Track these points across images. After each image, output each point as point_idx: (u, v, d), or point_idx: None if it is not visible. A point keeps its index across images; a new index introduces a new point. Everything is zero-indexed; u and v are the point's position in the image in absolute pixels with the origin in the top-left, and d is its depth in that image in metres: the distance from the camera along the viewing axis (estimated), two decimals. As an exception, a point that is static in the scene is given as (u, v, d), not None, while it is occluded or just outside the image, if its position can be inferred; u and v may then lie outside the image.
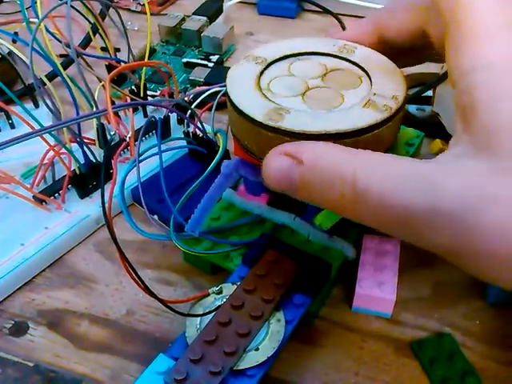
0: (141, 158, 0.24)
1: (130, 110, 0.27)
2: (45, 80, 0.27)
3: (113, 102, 0.31)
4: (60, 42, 0.27)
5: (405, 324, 0.23)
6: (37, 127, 0.24)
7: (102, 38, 0.31)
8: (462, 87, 0.16)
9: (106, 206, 0.18)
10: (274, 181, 0.17)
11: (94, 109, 0.26)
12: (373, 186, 0.15)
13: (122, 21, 0.29)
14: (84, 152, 0.26)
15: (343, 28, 0.41)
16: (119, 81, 0.35)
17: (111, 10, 0.32)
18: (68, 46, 0.25)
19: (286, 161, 0.17)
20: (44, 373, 0.21)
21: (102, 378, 0.21)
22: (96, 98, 0.26)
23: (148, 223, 0.26)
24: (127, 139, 0.20)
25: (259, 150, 0.20)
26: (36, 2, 0.25)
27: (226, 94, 0.21)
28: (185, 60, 0.37)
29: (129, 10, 0.45)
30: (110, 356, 0.22)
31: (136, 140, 0.27)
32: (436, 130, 0.31)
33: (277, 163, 0.17)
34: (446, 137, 0.31)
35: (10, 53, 0.35)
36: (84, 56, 0.29)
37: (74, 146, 0.26)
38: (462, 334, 0.22)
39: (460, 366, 0.21)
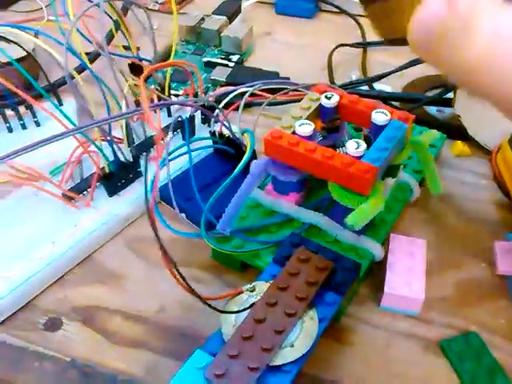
0: (171, 157, 0.25)
1: (158, 109, 0.28)
2: (75, 75, 0.27)
3: (138, 102, 0.31)
4: (91, 42, 0.27)
5: (432, 322, 0.23)
6: (66, 124, 0.24)
7: (125, 37, 0.31)
8: None
9: (149, 202, 0.18)
10: (416, 28, 0.16)
11: (123, 107, 0.26)
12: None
13: (150, 21, 0.29)
14: (113, 150, 0.26)
15: (361, 29, 0.41)
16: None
17: (134, 9, 0.32)
18: (97, 44, 0.26)
19: (439, 3, 0.15)
20: (80, 367, 0.21)
21: (137, 373, 0.21)
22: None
23: (174, 221, 0.26)
24: (168, 138, 0.21)
25: None
26: (67, 4, 0.25)
27: None
28: (205, 59, 0.37)
29: (147, 8, 0.45)
30: (143, 351, 0.22)
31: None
32: (456, 132, 0.32)
33: (430, 6, 0.16)
34: (466, 138, 0.32)
35: (34, 49, 0.35)
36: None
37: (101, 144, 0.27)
38: (489, 332, 0.23)
39: (488, 363, 0.21)
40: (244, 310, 0.20)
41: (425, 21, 0.16)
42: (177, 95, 0.34)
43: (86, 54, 0.36)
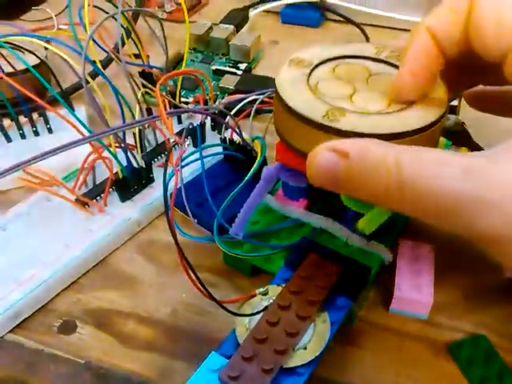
0: (183, 164, 0.25)
1: (170, 116, 0.28)
2: (91, 82, 0.27)
3: (150, 109, 0.32)
4: (105, 51, 0.28)
5: (441, 326, 0.23)
6: (81, 130, 0.25)
7: (136, 45, 0.32)
8: None
9: (169, 210, 0.18)
10: (319, 177, 0.17)
11: (137, 115, 0.27)
12: (418, 175, 0.15)
13: (163, 30, 0.30)
14: (127, 156, 0.27)
15: (366, 38, 0.42)
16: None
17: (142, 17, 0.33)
18: (113, 54, 0.26)
19: (331, 156, 0.17)
20: (95, 370, 0.22)
21: (151, 376, 0.22)
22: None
23: (185, 226, 0.26)
24: (185, 146, 0.21)
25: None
26: (84, 15, 0.26)
27: (276, 98, 0.21)
28: (214, 67, 0.38)
29: (158, 18, 0.46)
30: (156, 354, 0.22)
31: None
32: (461, 139, 0.32)
33: (322, 159, 0.17)
34: (471, 145, 0.32)
35: (46, 57, 0.36)
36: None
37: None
38: (497, 335, 0.23)
39: (497, 367, 0.22)
40: (258, 312, 0.21)
41: (322, 173, 0.17)
42: (187, 103, 0.34)
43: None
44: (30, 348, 0.22)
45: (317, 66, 0.22)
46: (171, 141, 0.19)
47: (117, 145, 0.26)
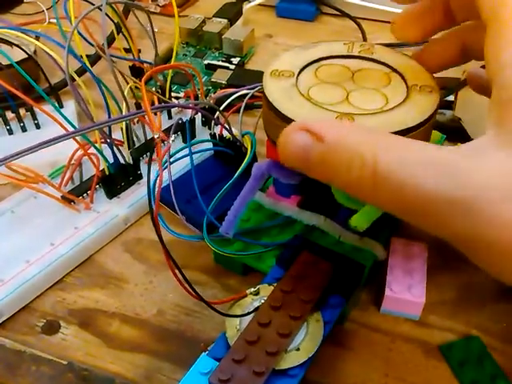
0: (172, 160, 0.24)
1: (159, 111, 0.28)
2: (76, 77, 0.27)
3: (139, 104, 0.31)
4: (91, 44, 0.27)
5: (432, 326, 0.23)
6: (67, 126, 0.24)
7: (126, 39, 0.31)
8: (501, 81, 0.15)
9: (153, 207, 0.18)
10: (290, 156, 0.17)
11: (124, 110, 0.26)
12: (393, 171, 0.15)
13: (151, 24, 0.29)
14: (113, 153, 0.26)
15: (362, 32, 0.41)
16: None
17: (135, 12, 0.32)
18: (98, 47, 0.26)
19: (305, 137, 0.16)
20: (77, 371, 0.21)
21: (135, 378, 0.21)
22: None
23: (172, 223, 0.26)
24: (170, 141, 0.21)
25: None
26: (69, 7, 0.25)
27: (274, 114, 0.20)
28: (206, 62, 0.37)
29: (147, 11, 0.45)
30: (142, 355, 0.22)
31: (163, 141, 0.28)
32: (456, 134, 0.32)
33: (296, 139, 0.16)
34: (467, 140, 0.31)
35: (35, 52, 0.35)
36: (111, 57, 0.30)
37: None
38: (490, 336, 0.22)
39: (489, 368, 0.21)
40: (248, 313, 0.20)
41: (293, 153, 0.16)
42: (177, 97, 0.34)
43: (87, 56, 0.36)
44: (12, 348, 0.22)
45: (298, 74, 0.22)
46: (156, 137, 0.19)
47: (102, 140, 0.26)
